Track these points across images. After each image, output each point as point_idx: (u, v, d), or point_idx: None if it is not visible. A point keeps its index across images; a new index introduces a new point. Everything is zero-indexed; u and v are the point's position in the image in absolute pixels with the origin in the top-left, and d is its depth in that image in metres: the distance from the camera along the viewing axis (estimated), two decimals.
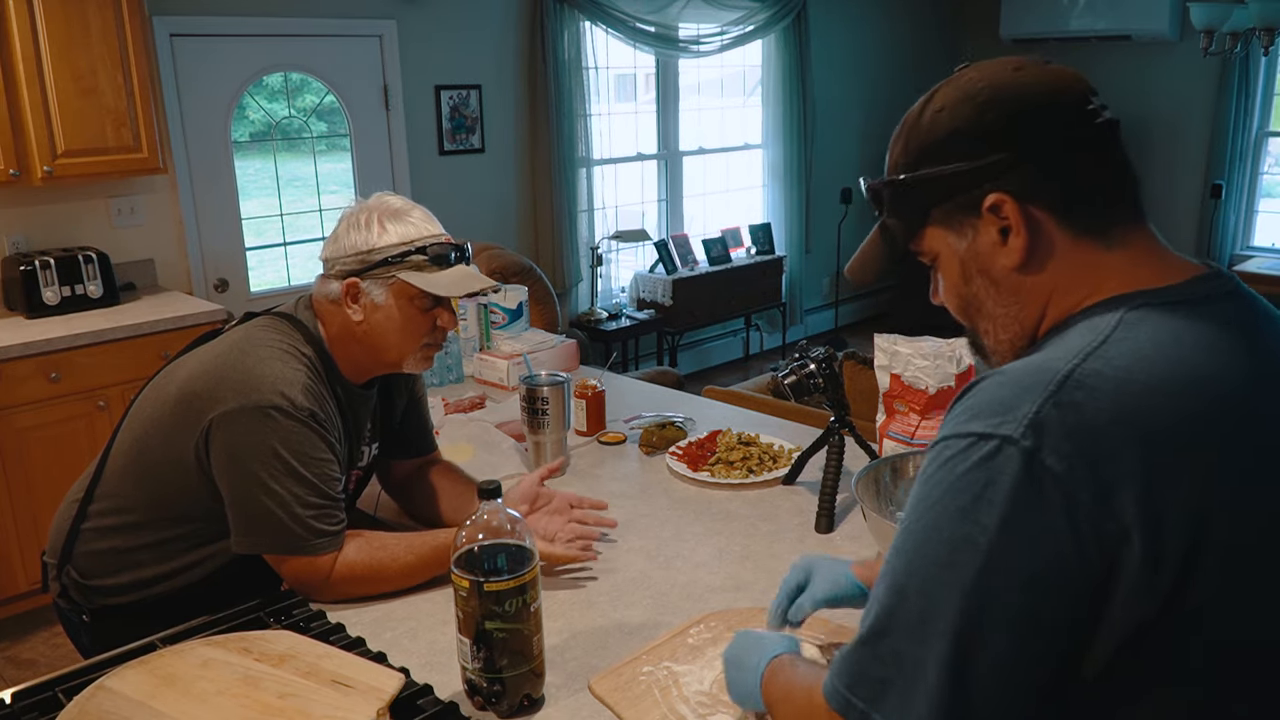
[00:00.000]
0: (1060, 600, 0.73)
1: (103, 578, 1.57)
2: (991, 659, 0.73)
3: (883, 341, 1.86)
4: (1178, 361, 0.77)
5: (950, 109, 0.89)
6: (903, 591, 0.77)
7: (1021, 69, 0.88)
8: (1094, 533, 0.72)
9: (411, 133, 4.74)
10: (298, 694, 1.12)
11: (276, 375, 1.45)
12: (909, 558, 0.78)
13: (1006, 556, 0.73)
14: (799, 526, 1.73)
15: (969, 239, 0.90)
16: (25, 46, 3.26)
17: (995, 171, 0.86)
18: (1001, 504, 0.73)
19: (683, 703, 1.21)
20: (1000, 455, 0.74)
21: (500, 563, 1.18)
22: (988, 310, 0.92)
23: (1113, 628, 0.74)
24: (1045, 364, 0.79)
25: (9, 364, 3.17)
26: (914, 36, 7.16)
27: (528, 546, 1.19)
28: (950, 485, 0.77)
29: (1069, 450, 0.73)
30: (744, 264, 6.04)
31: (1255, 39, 5.03)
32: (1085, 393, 0.75)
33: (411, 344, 1.54)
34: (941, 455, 0.79)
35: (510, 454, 2.04)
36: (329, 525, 1.47)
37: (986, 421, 0.77)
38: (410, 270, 1.49)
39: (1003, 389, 0.78)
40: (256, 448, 1.42)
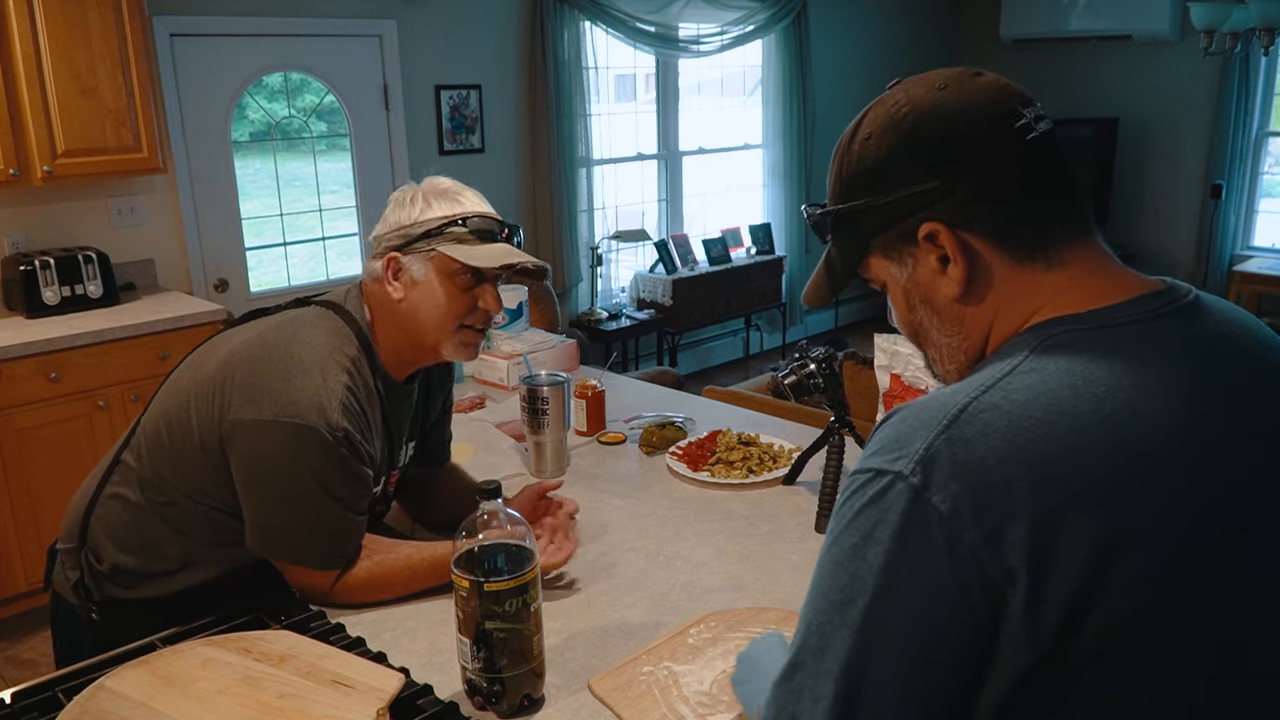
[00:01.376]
0: (946, 644, 0.71)
1: (117, 555, 1.52)
2: (877, 701, 0.71)
3: (883, 341, 1.86)
4: (1084, 395, 0.73)
5: (876, 136, 0.86)
6: (809, 626, 0.76)
7: (946, 87, 0.85)
8: (978, 574, 0.69)
9: (411, 133, 4.74)
10: (298, 694, 1.12)
11: (316, 389, 1.40)
12: (814, 593, 0.77)
13: (891, 597, 0.71)
14: (799, 526, 1.73)
15: (909, 268, 0.88)
16: (25, 46, 3.26)
17: (927, 200, 0.83)
18: (887, 542, 0.72)
19: (683, 703, 1.21)
20: (891, 492, 0.73)
21: (500, 563, 1.18)
22: (933, 339, 0.91)
23: (1001, 673, 0.71)
24: (947, 397, 0.76)
25: (9, 364, 3.17)
26: (914, 36, 7.16)
27: (528, 547, 1.19)
28: (849, 521, 0.75)
29: (955, 489, 0.70)
30: (744, 264, 6.05)
31: (1255, 39, 5.03)
32: (977, 428, 0.72)
33: (450, 322, 1.49)
34: (848, 489, 0.78)
35: (510, 454, 2.04)
36: (344, 548, 1.45)
37: (884, 457, 0.75)
38: (450, 243, 1.45)
39: (904, 423, 0.76)
40: (285, 464, 1.39)
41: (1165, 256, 6.68)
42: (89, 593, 1.54)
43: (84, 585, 1.54)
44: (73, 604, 1.56)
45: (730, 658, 1.29)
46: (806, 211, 0.96)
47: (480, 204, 1.51)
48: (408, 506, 1.82)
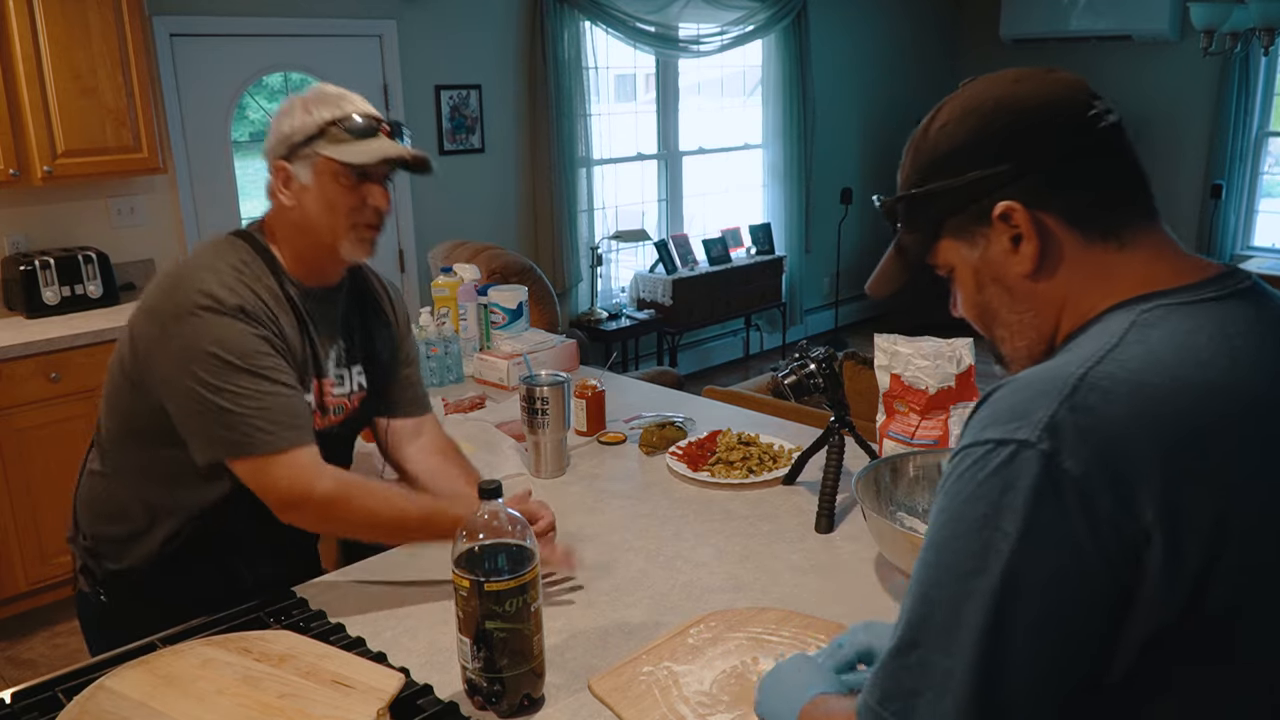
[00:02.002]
0: (1084, 604, 0.73)
1: (95, 526, 1.57)
2: (1019, 665, 0.73)
3: (883, 341, 1.86)
4: (1192, 362, 0.78)
5: (955, 122, 0.90)
6: (929, 601, 0.77)
7: (1021, 80, 0.90)
8: (1115, 535, 0.72)
9: (412, 133, 4.73)
10: (298, 694, 1.12)
11: (197, 277, 1.44)
12: (934, 568, 0.78)
13: (1029, 561, 0.73)
14: (799, 526, 1.73)
15: (981, 248, 0.91)
16: (25, 46, 3.27)
17: (1002, 181, 0.87)
18: (1022, 509, 0.73)
19: (683, 703, 1.21)
20: (1018, 460, 0.75)
21: (501, 563, 1.18)
22: (1003, 318, 0.93)
23: (1136, 630, 0.74)
24: (1059, 369, 0.79)
25: (9, 364, 3.17)
26: (914, 36, 7.16)
27: (528, 547, 1.19)
28: (970, 493, 0.77)
29: (1086, 453, 0.73)
30: (744, 264, 6.05)
31: (1255, 39, 5.03)
32: (1099, 395, 0.75)
33: (341, 222, 1.50)
34: (960, 464, 0.79)
35: (510, 454, 2.04)
36: (290, 417, 1.43)
37: (1003, 428, 0.77)
38: (330, 145, 1.47)
39: (1017, 395, 0.79)
40: (190, 351, 1.40)
41: None
42: (92, 574, 1.58)
43: (87, 568, 1.59)
44: (86, 593, 1.60)
45: (730, 658, 1.29)
46: (879, 201, 1.00)
47: (361, 104, 1.52)
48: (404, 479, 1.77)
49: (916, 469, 1.62)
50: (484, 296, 2.75)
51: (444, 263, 3.52)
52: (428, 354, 2.55)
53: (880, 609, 1.44)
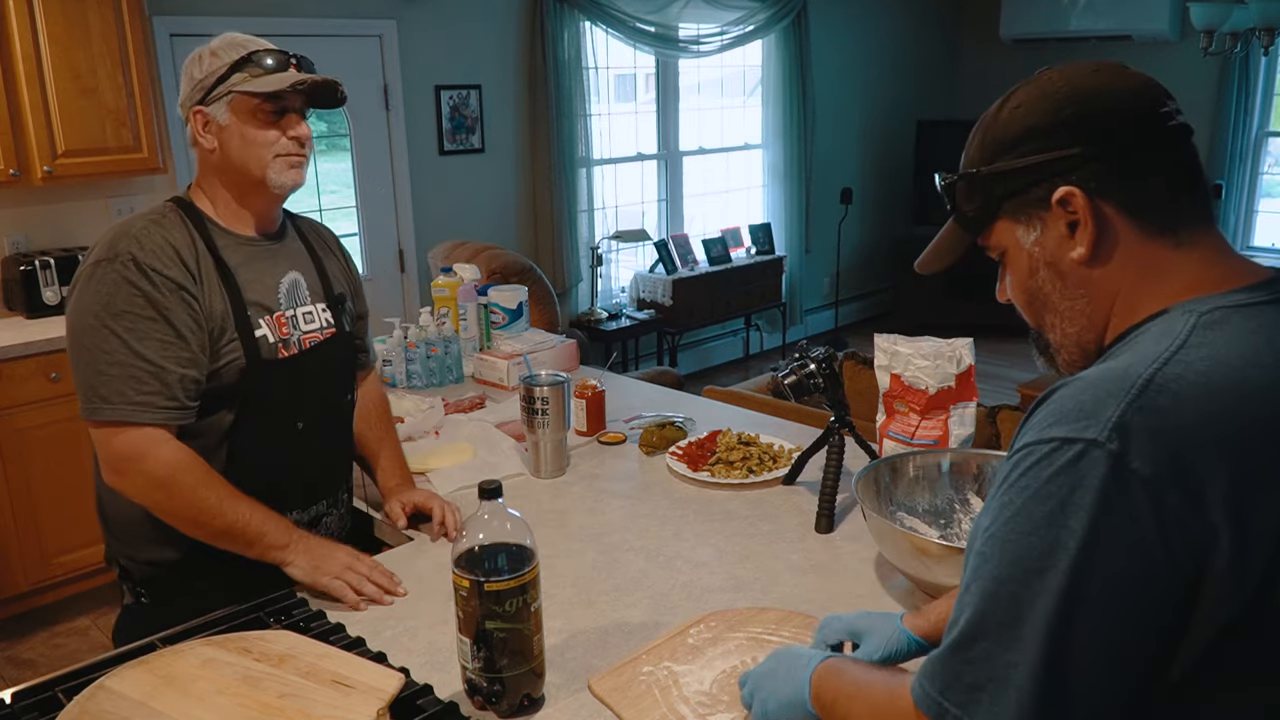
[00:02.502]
0: (1150, 603, 0.74)
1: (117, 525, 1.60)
2: (1083, 663, 0.74)
3: (883, 341, 1.86)
4: (1257, 364, 0.78)
5: (1027, 105, 0.91)
6: (993, 597, 0.77)
7: (1099, 71, 0.90)
8: (1182, 535, 0.73)
9: (411, 133, 4.75)
10: (298, 694, 1.12)
11: (111, 233, 1.49)
12: (997, 563, 0.78)
13: (1097, 560, 0.74)
14: (799, 526, 1.73)
15: (1037, 231, 0.91)
16: (25, 46, 3.27)
17: (1067, 166, 0.88)
18: (1090, 508, 0.74)
19: (683, 703, 1.21)
20: (1086, 459, 0.75)
21: (501, 563, 1.18)
22: (1054, 304, 0.93)
23: (1200, 630, 0.75)
24: (1126, 369, 0.79)
25: (9, 364, 3.17)
26: (914, 36, 7.17)
27: (528, 547, 1.19)
28: (1036, 490, 0.77)
29: (1155, 453, 0.74)
30: (744, 264, 6.05)
31: (1255, 39, 5.03)
32: (1169, 396, 0.76)
33: (264, 154, 1.53)
34: (1025, 461, 0.79)
35: (510, 454, 2.04)
36: (135, 391, 1.44)
37: (1070, 426, 0.77)
38: (241, 83, 1.51)
39: (1084, 394, 0.79)
40: (78, 306, 1.46)
41: None
42: (130, 577, 1.62)
43: (128, 575, 1.62)
44: (129, 603, 1.63)
45: (730, 658, 1.29)
46: (942, 178, 0.99)
47: (267, 45, 1.56)
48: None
49: (916, 469, 1.62)
50: (484, 296, 2.75)
51: (444, 263, 3.52)
52: (428, 354, 2.55)
53: (880, 609, 1.44)
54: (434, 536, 1.70)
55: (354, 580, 1.48)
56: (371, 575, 1.50)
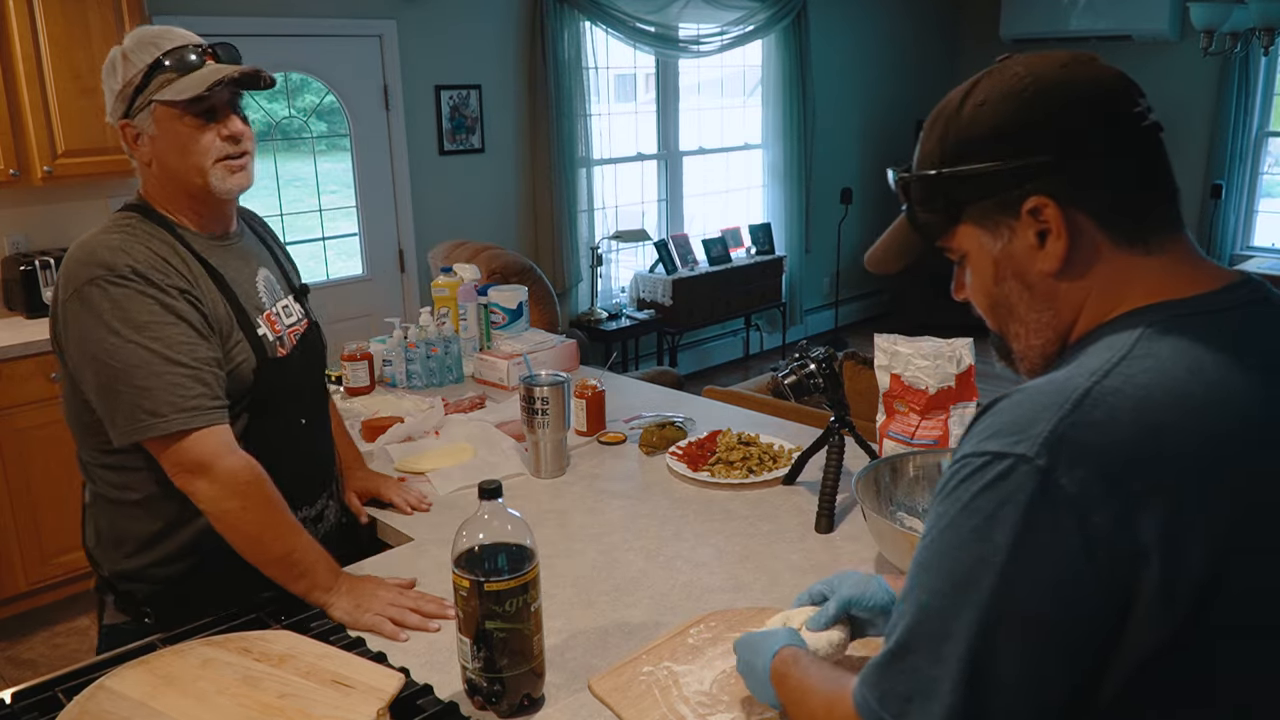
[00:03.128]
0: (1074, 623, 0.72)
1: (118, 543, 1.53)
2: (1005, 680, 0.73)
3: (883, 341, 1.86)
4: (1200, 379, 0.75)
5: (993, 104, 0.84)
6: (923, 609, 0.77)
7: (1068, 65, 0.84)
8: (1110, 555, 0.71)
9: (411, 133, 4.75)
10: (298, 694, 1.12)
11: (87, 251, 1.41)
12: (928, 575, 0.77)
13: (1020, 578, 0.72)
14: (799, 526, 1.73)
15: (1004, 240, 0.86)
16: (25, 46, 3.27)
17: (1037, 172, 0.82)
18: (1015, 524, 0.72)
19: (683, 703, 1.21)
20: (1015, 474, 0.73)
21: (501, 563, 1.18)
22: (1019, 314, 0.89)
23: (1128, 652, 0.73)
24: (1064, 382, 0.77)
25: (9, 364, 3.17)
26: (914, 36, 7.17)
27: (528, 547, 1.19)
28: (966, 504, 0.76)
29: (1084, 471, 0.72)
30: (744, 264, 6.05)
31: (1255, 39, 5.03)
32: (1104, 411, 0.74)
33: (202, 161, 1.45)
34: (959, 473, 0.78)
35: (510, 454, 2.04)
36: (183, 398, 1.38)
37: (1003, 440, 0.76)
38: (159, 90, 1.41)
39: (1020, 407, 0.77)
40: (91, 331, 1.38)
41: None
42: (131, 599, 1.54)
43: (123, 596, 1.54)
44: (125, 624, 1.54)
45: (730, 658, 1.29)
46: (896, 174, 0.93)
47: (182, 38, 1.45)
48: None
49: (916, 469, 1.62)
50: (484, 296, 2.75)
51: (444, 263, 3.52)
52: (428, 354, 2.55)
53: None
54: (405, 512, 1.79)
55: (396, 615, 1.42)
56: (417, 605, 1.44)
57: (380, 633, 1.40)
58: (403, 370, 2.56)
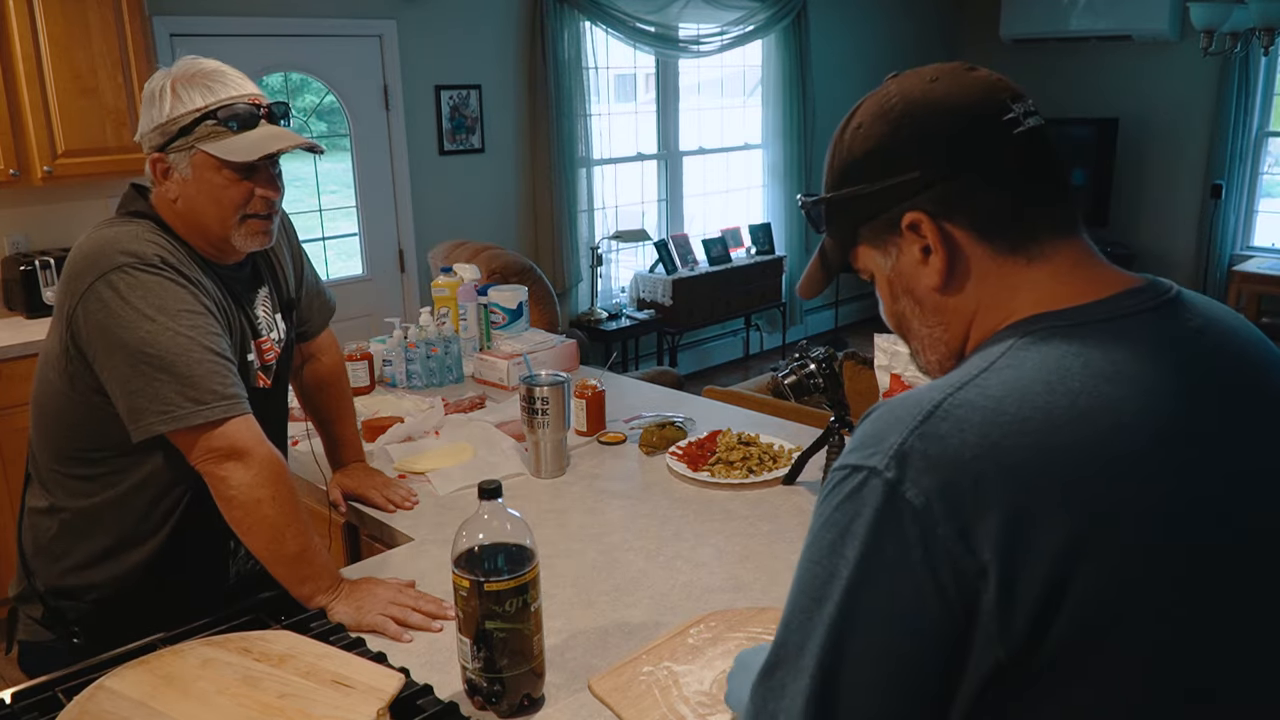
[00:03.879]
0: (921, 638, 0.70)
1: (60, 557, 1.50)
2: (852, 694, 0.71)
3: (883, 341, 1.86)
4: (1061, 390, 0.73)
5: (867, 126, 0.87)
6: (787, 624, 0.76)
7: (937, 80, 0.85)
8: (953, 570, 0.69)
9: (411, 133, 4.75)
10: (298, 694, 1.12)
11: (108, 240, 1.38)
12: (792, 591, 0.77)
13: (865, 592, 0.71)
14: (799, 526, 1.73)
15: (893, 258, 0.88)
16: (25, 46, 3.27)
17: (911, 190, 0.84)
18: (863, 537, 0.72)
19: (683, 703, 1.21)
20: (866, 488, 0.73)
21: (500, 563, 1.18)
22: (914, 330, 0.91)
23: (975, 669, 0.71)
24: (921, 394, 0.76)
25: (9, 364, 3.17)
26: (914, 36, 7.17)
27: (528, 547, 1.19)
28: (826, 518, 0.76)
29: (928, 483, 0.71)
30: (744, 264, 6.05)
31: (1255, 39, 5.03)
32: (951, 424, 0.72)
33: (229, 216, 1.43)
34: (826, 486, 0.78)
35: (510, 454, 2.04)
36: (223, 385, 1.37)
37: (860, 453, 0.75)
38: (208, 140, 1.38)
39: (879, 421, 0.76)
40: (122, 317, 1.34)
41: (1165, 257, 6.69)
42: (59, 616, 1.51)
43: (52, 612, 1.51)
44: (49, 642, 1.51)
45: (730, 658, 1.29)
46: (801, 200, 0.97)
47: (237, 86, 1.42)
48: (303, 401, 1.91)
49: None
50: (484, 296, 2.75)
51: (444, 263, 3.52)
52: (428, 354, 2.55)
53: None
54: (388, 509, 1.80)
55: (398, 614, 1.41)
56: (417, 605, 1.43)
57: (384, 633, 1.39)
58: (403, 370, 2.56)
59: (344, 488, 1.85)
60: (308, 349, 1.86)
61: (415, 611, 1.43)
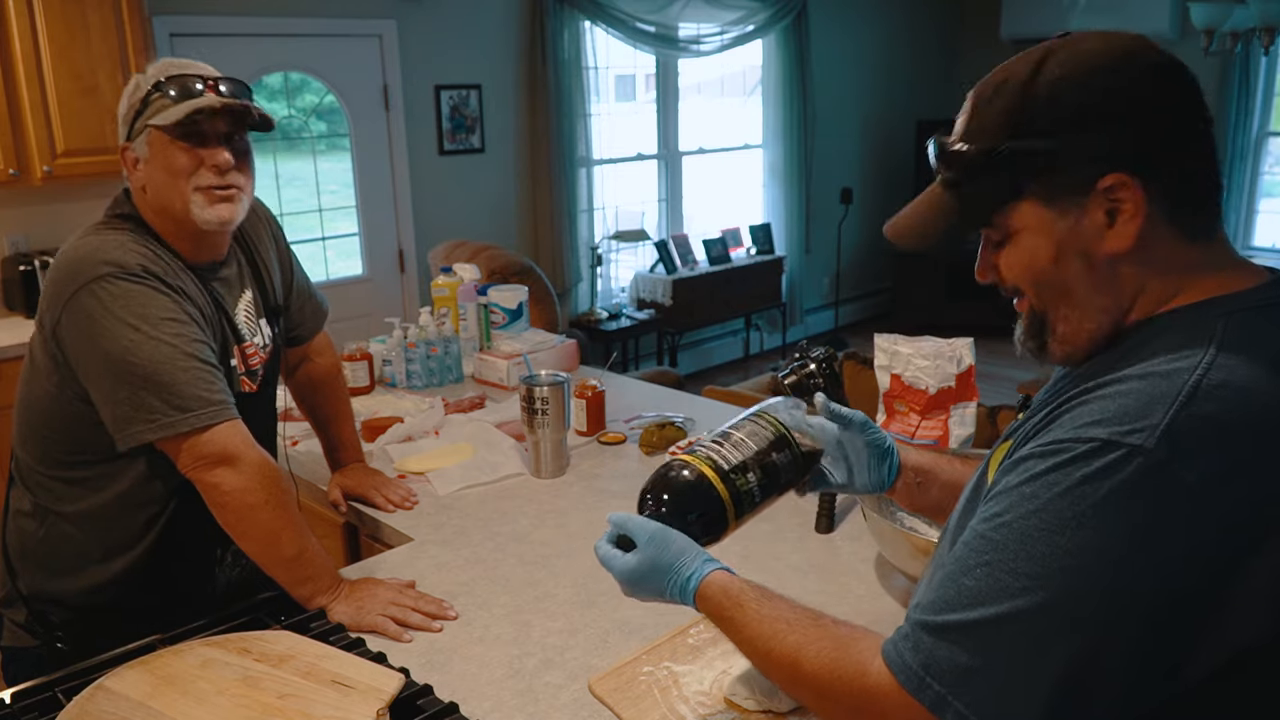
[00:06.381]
0: (1183, 614, 0.73)
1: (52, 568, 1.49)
2: (1112, 667, 0.73)
3: (883, 341, 1.86)
4: None
5: (1071, 79, 0.83)
6: (1005, 589, 0.75)
7: (1146, 48, 0.84)
8: (1226, 542, 0.72)
9: (411, 133, 4.75)
10: (298, 694, 1.12)
11: (90, 248, 1.39)
12: (1012, 555, 0.75)
13: (1138, 567, 0.72)
14: (799, 526, 1.73)
15: (1072, 218, 0.83)
16: (25, 46, 3.27)
17: (1119, 151, 0.80)
18: (1133, 514, 0.72)
19: (682, 703, 1.21)
20: (1131, 464, 0.73)
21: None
22: (1076, 296, 0.86)
23: (1225, 640, 0.73)
24: (1170, 374, 0.76)
25: (9, 364, 3.17)
26: (914, 36, 7.17)
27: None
28: (1067, 488, 0.74)
29: (1205, 462, 0.72)
30: (744, 264, 6.05)
31: (1255, 39, 5.03)
32: (1216, 404, 0.74)
33: (182, 187, 1.42)
34: (1054, 457, 0.76)
35: (510, 454, 2.04)
36: (209, 392, 1.37)
37: (1112, 429, 0.75)
38: (154, 114, 1.41)
39: (1127, 398, 0.76)
40: (105, 327, 1.35)
41: None
42: (44, 621, 1.50)
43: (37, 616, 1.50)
44: (32, 647, 1.51)
45: (731, 658, 1.29)
46: (944, 144, 0.88)
47: (194, 68, 1.44)
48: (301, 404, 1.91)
49: None
50: (484, 296, 2.75)
51: (444, 263, 3.52)
52: (428, 354, 2.55)
53: (881, 609, 1.44)
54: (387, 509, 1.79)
55: (398, 614, 1.41)
56: (418, 605, 1.44)
57: (384, 633, 1.39)
58: (402, 370, 2.56)
59: (344, 488, 1.85)
60: (302, 350, 1.86)
61: (415, 611, 1.43)
